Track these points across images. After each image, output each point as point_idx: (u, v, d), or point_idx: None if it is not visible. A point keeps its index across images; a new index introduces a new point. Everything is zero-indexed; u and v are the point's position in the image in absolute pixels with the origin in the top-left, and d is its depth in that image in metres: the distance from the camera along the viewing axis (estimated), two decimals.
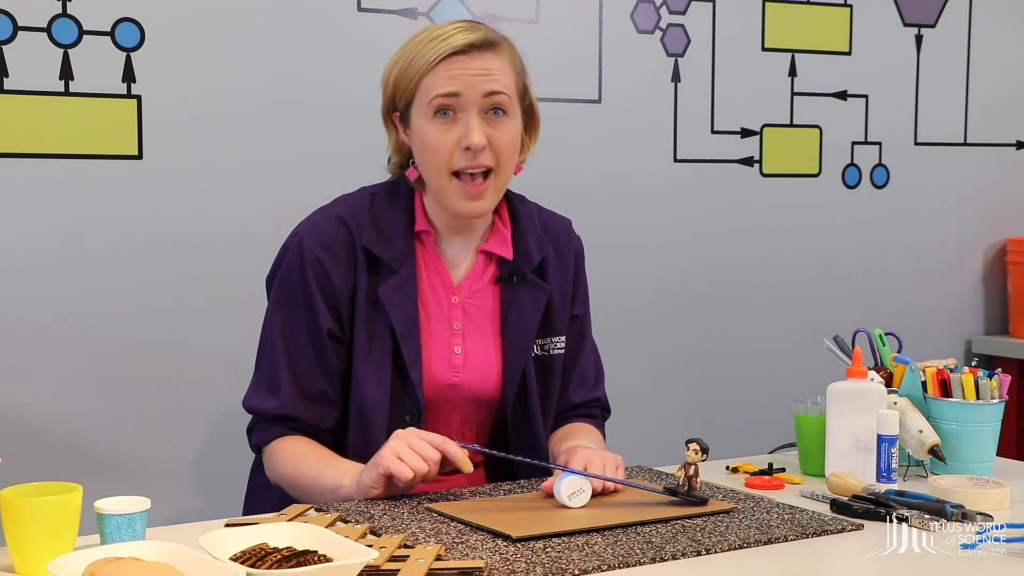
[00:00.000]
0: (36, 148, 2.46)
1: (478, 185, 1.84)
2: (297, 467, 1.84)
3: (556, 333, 1.99)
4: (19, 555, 1.41)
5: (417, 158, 1.89)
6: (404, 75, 1.86)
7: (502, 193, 1.91)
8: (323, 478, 1.80)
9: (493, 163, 1.85)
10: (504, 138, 1.85)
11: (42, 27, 2.44)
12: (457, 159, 1.83)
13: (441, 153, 1.83)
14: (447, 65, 1.82)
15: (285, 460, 1.85)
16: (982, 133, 3.63)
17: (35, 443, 2.48)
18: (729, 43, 3.20)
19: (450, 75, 1.82)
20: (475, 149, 1.82)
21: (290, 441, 1.87)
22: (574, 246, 2.05)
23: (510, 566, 1.43)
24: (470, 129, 1.82)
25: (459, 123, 1.83)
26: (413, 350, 1.86)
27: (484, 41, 1.84)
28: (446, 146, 1.83)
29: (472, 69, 1.82)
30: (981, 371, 1.98)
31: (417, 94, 1.85)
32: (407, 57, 1.86)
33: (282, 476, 1.86)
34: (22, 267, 2.47)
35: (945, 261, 3.62)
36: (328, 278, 1.86)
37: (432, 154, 1.84)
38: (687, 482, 1.70)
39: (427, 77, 1.83)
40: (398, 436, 1.73)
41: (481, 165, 1.84)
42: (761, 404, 3.23)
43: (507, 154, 1.86)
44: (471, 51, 1.82)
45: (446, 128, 1.83)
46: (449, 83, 1.82)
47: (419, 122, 1.85)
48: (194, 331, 2.62)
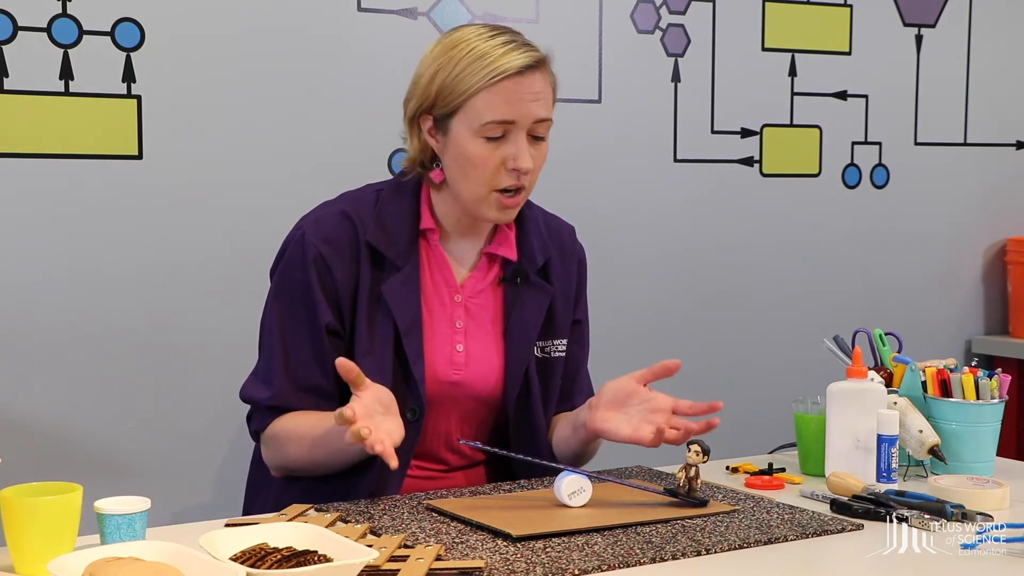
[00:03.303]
0: (36, 148, 2.46)
1: (514, 198, 1.87)
2: (301, 432, 1.83)
3: (558, 336, 1.99)
4: (19, 555, 1.41)
5: (452, 166, 1.87)
6: (452, 88, 1.83)
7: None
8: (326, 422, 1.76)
9: (528, 181, 1.87)
10: (540, 159, 1.88)
11: (42, 27, 2.44)
12: (502, 178, 1.84)
13: (487, 171, 1.84)
14: (504, 88, 1.81)
15: (288, 435, 1.85)
16: (982, 133, 3.63)
17: (35, 443, 2.48)
18: (729, 43, 3.20)
19: (506, 100, 1.81)
20: (523, 171, 1.84)
21: (285, 418, 1.87)
22: (578, 252, 2.07)
23: (510, 566, 1.43)
24: (520, 152, 1.83)
25: (507, 143, 1.83)
26: (415, 347, 1.86)
27: (537, 61, 1.84)
28: (492, 164, 1.84)
29: (527, 94, 1.82)
30: (981, 371, 1.98)
31: (465, 109, 1.83)
32: (455, 67, 1.83)
33: (288, 453, 1.86)
34: (22, 267, 2.47)
35: (945, 261, 3.62)
36: (329, 272, 1.86)
37: (476, 169, 1.84)
38: (687, 483, 1.70)
39: (479, 97, 1.81)
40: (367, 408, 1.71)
41: (520, 185, 1.86)
42: (761, 404, 3.22)
43: (539, 171, 1.90)
44: (527, 72, 1.82)
45: (493, 147, 1.83)
46: (506, 110, 1.81)
47: (462, 136, 1.84)
48: (194, 331, 2.62)
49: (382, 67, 2.74)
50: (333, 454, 1.80)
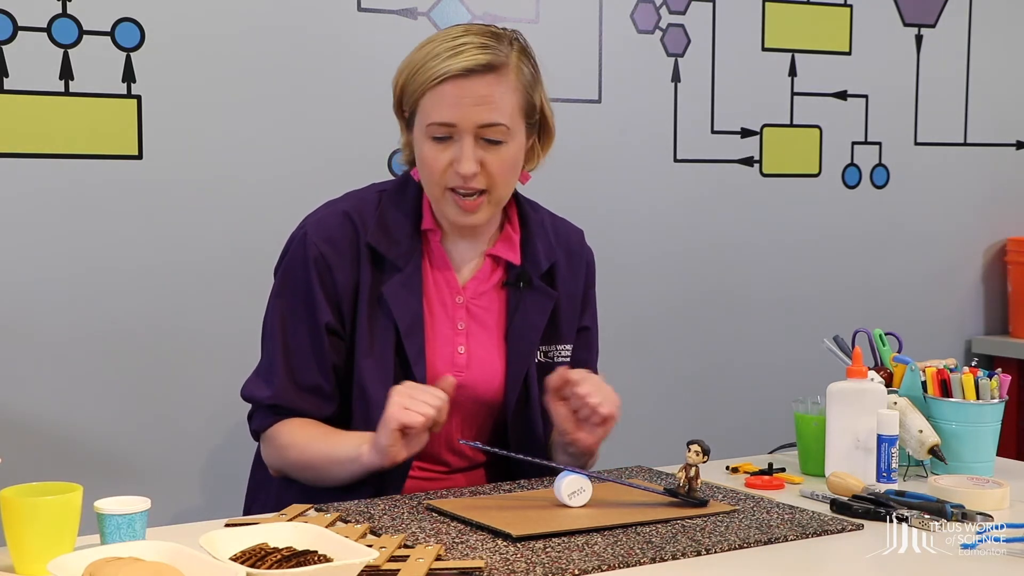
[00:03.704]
0: (36, 148, 2.46)
1: (472, 202, 1.84)
2: (307, 448, 1.83)
3: (562, 341, 1.98)
4: (19, 555, 1.41)
5: (417, 164, 1.89)
6: (408, 86, 1.85)
7: (500, 206, 1.91)
8: (338, 452, 1.80)
9: (486, 185, 1.84)
10: (497, 163, 1.83)
11: (42, 27, 2.44)
12: (451, 178, 1.83)
13: (435, 171, 1.84)
14: (444, 90, 1.80)
15: (291, 444, 1.85)
16: (982, 133, 3.63)
17: (35, 443, 2.48)
18: (729, 43, 3.20)
19: (446, 103, 1.80)
20: (467, 176, 1.82)
21: (291, 425, 1.87)
22: (586, 256, 2.05)
23: (510, 566, 1.43)
24: (462, 157, 1.81)
25: (454, 146, 1.82)
26: (416, 348, 1.86)
27: (487, 65, 1.80)
28: (440, 164, 1.83)
29: (469, 97, 1.79)
30: (981, 371, 1.98)
31: (417, 111, 1.84)
32: (413, 69, 1.84)
33: (289, 460, 1.86)
34: (22, 267, 2.47)
35: (945, 261, 3.62)
36: (330, 273, 1.86)
37: (426, 169, 1.85)
38: (687, 483, 1.70)
39: (426, 98, 1.82)
40: (396, 391, 1.74)
41: (473, 188, 1.84)
42: (761, 404, 3.23)
43: (502, 177, 1.85)
44: (471, 75, 1.80)
45: (441, 148, 1.83)
46: (445, 112, 1.80)
47: (417, 136, 1.86)
48: (194, 331, 2.62)
49: (382, 67, 2.70)
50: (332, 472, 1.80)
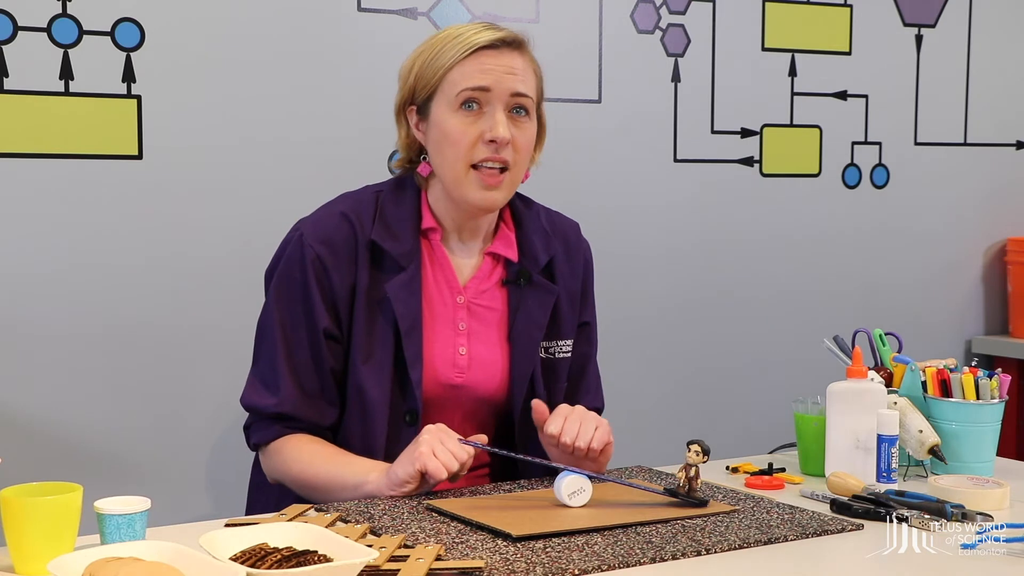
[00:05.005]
0: (36, 148, 2.46)
1: (495, 176, 1.86)
2: (310, 466, 1.82)
3: (563, 336, 1.98)
4: (19, 555, 1.41)
5: (433, 150, 1.89)
6: (428, 67, 1.87)
7: (514, 191, 1.92)
8: (344, 476, 1.79)
9: (511, 159, 1.86)
10: (524, 137, 1.88)
11: (42, 27, 2.44)
12: (479, 151, 1.85)
13: (463, 144, 1.85)
14: (477, 59, 1.84)
15: (296, 460, 1.84)
16: (982, 133, 3.63)
17: (35, 443, 2.48)
18: (729, 43, 3.20)
19: (480, 69, 1.84)
20: (500, 142, 1.84)
21: (297, 440, 1.86)
22: (584, 250, 2.06)
23: (510, 566, 1.43)
24: (496, 122, 1.84)
25: (484, 117, 1.85)
26: (414, 349, 1.85)
27: (512, 39, 1.87)
28: (469, 138, 1.84)
29: (502, 65, 1.85)
30: (981, 371, 1.98)
31: (442, 85, 1.86)
32: (432, 51, 1.88)
33: (292, 476, 1.85)
34: (22, 267, 2.47)
35: (945, 261, 3.62)
36: (327, 275, 1.85)
37: (453, 145, 1.85)
38: (687, 483, 1.70)
39: (455, 70, 1.85)
40: (429, 431, 1.74)
41: (501, 160, 1.85)
42: (761, 404, 3.23)
43: (524, 153, 1.89)
44: (501, 47, 1.86)
45: (471, 120, 1.85)
46: (480, 77, 1.84)
47: (441, 113, 1.86)
48: (194, 331, 2.62)
49: (382, 67, 2.73)
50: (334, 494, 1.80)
